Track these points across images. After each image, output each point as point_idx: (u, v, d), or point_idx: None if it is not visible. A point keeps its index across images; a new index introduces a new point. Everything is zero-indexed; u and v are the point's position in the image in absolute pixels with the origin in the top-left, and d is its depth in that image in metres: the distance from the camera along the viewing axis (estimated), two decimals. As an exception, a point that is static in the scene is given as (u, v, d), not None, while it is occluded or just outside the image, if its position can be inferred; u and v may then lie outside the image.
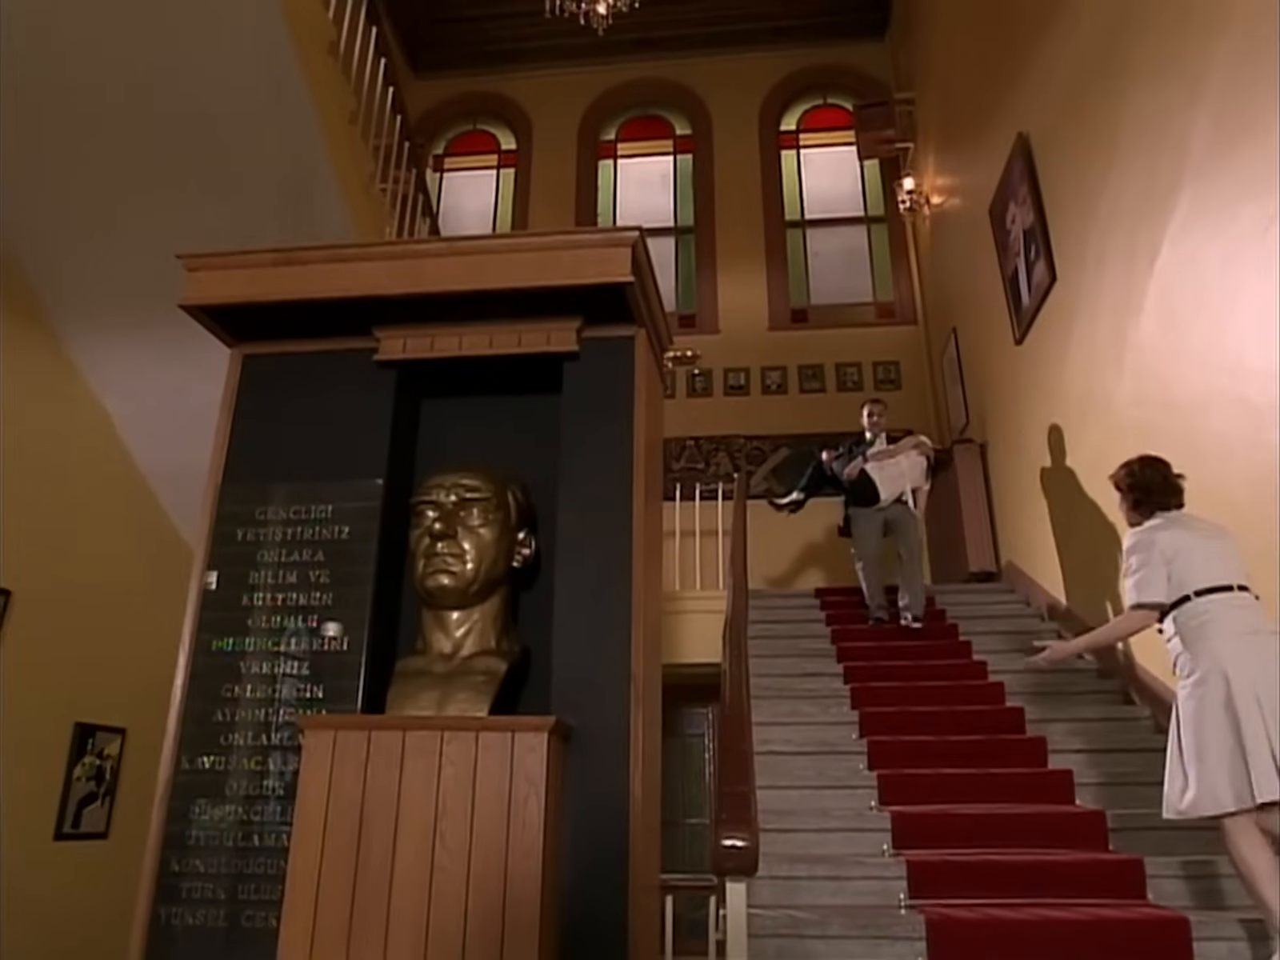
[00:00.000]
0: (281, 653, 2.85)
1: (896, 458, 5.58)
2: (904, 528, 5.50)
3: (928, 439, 6.02)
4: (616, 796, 2.55)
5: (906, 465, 5.57)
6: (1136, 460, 3.28)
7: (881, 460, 5.57)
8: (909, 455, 5.61)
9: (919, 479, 5.61)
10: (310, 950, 2.32)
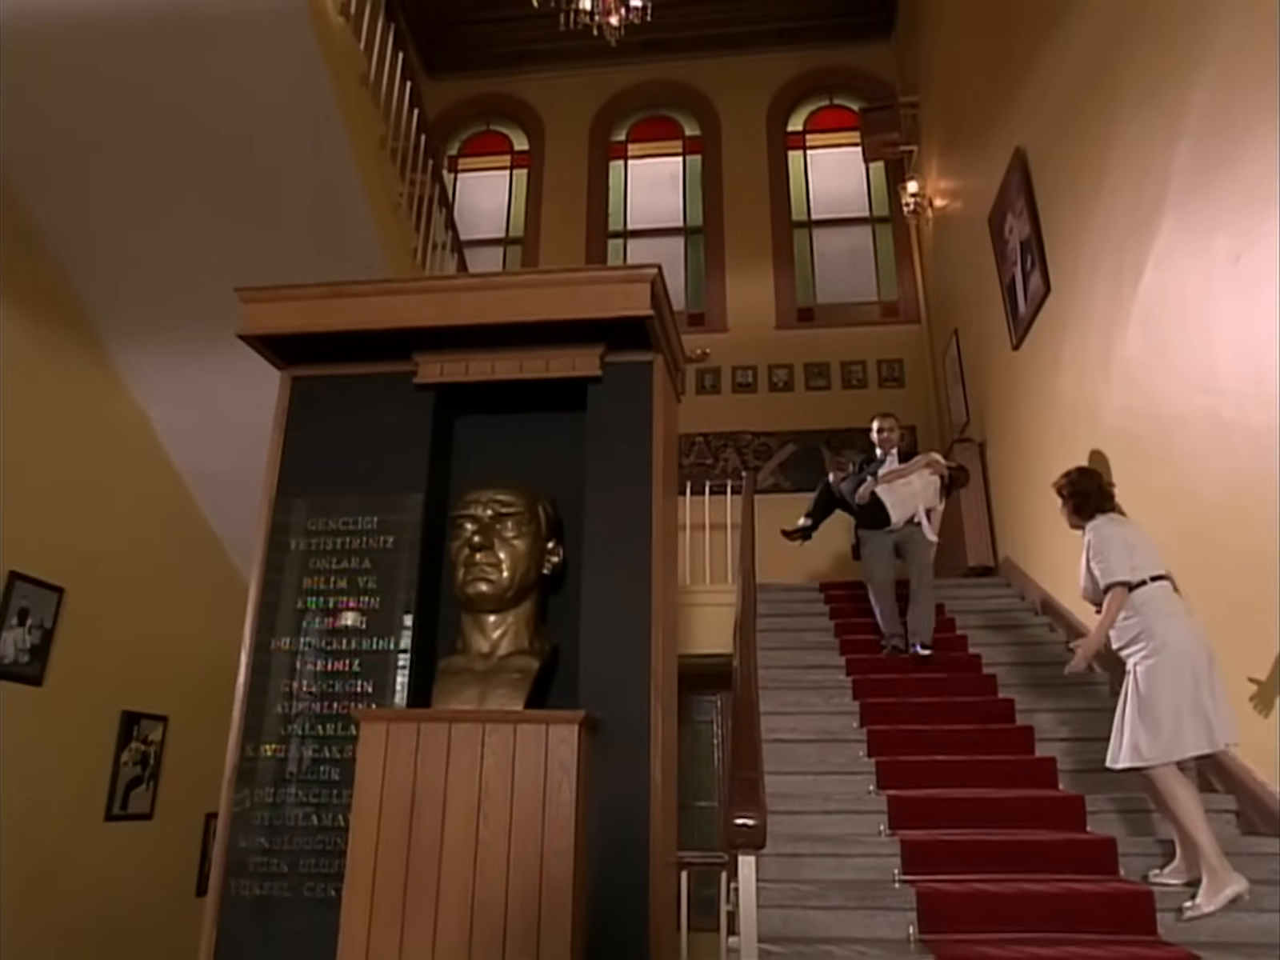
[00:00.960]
0: (333, 651, 3.14)
1: (908, 477, 5.34)
2: (915, 550, 5.25)
3: (941, 457, 5.75)
4: (638, 781, 2.84)
5: (919, 485, 5.33)
6: (1076, 470, 3.77)
7: (892, 481, 5.32)
8: (921, 475, 5.35)
9: (932, 499, 5.38)
10: (370, 917, 2.62)
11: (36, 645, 4.70)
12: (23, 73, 4.16)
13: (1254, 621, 3.32)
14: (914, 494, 5.28)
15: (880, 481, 5.32)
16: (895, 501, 5.24)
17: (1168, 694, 3.13)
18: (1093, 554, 3.44)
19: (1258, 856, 3.15)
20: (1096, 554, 3.42)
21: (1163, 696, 3.14)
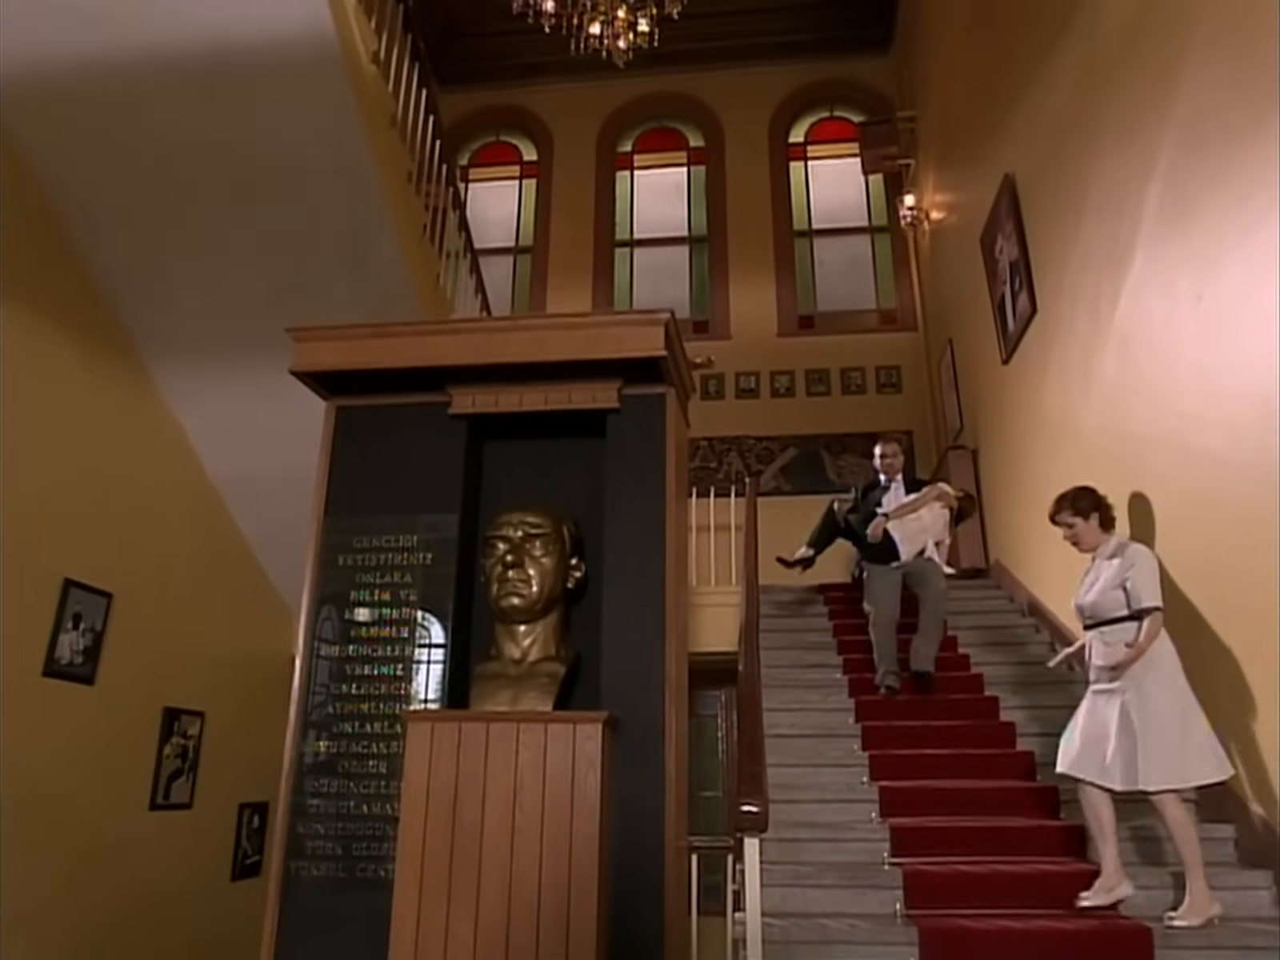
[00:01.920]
0: (379, 657, 3.48)
1: (918, 511, 5.20)
2: (927, 580, 5.15)
3: (950, 487, 5.58)
4: (654, 773, 3.19)
5: (929, 519, 5.19)
6: (1081, 488, 3.92)
7: (903, 516, 5.19)
8: (931, 508, 5.22)
9: (941, 531, 5.27)
10: (420, 893, 2.96)
11: (89, 647, 5.05)
12: (77, 118, 4.50)
13: (1209, 635, 3.66)
14: (924, 529, 5.15)
15: (890, 517, 5.18)
16: (905, 537, 5.10)
17: (1177, 721, 3.30)
18: (1137, 571, 3.53)
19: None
20: (1138, 575, 3.51)
21: (1173, 724, 3.30)
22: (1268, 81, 3.18)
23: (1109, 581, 3.60)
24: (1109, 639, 3.55)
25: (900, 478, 5.47)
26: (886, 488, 5.44)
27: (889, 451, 5.57)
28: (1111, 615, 3.56)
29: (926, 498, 5.27)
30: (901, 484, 5.44)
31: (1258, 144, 3.26)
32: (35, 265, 4.77)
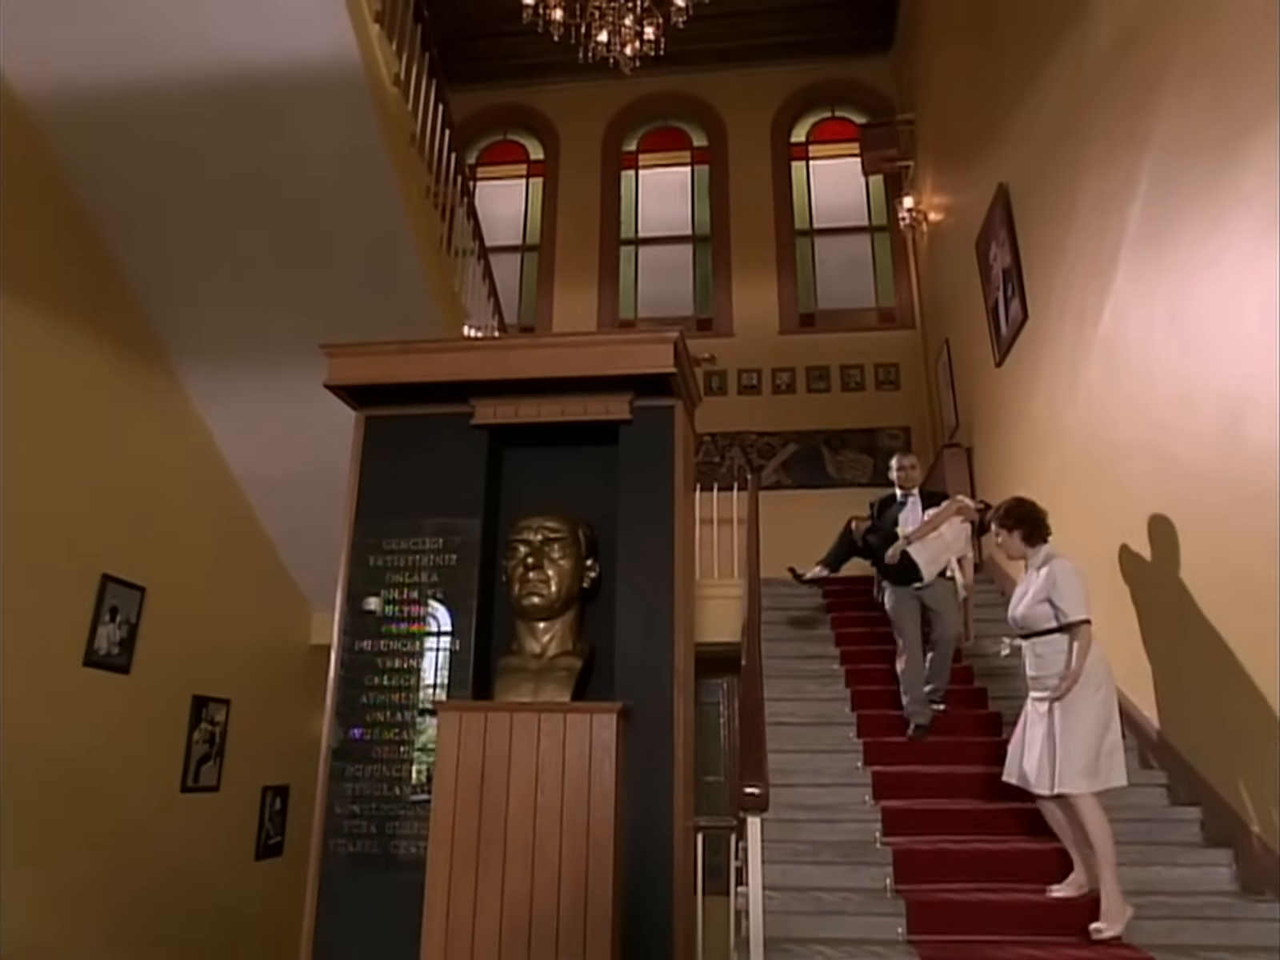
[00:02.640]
0: (408, 651, 3.75)
1: (939, 529, 4.97)
2: (943, 608, 4.92)
3: (969, 500, 5.30)
4: (664, 758, 3.47)
5: (950, 536, 4.98)
6: (1012, 501, 3.96)
7: (924, 536, 4.96)
8: (952, 524, 4.99)
9: (963, 547, 5.05)
10: (450, 868, 3.24)
11: (124, 639, 5.32)
12: (115, 137, 4.73)
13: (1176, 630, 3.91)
14: (945, 546, 4.95)
15: (911, 540, 4.96)
16: (928, 559, 4.90)
17: (1097, 729, 3.42)
18: (1058, 587, 3.57)
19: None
20: (1064, 588, 3.56)
21: (1094, 731, 3.42)
22: (1239, 113, 3.41)
23: (1036, 594, 3.65)
24: (1040, 650, 3.64)
25: (917, 491, 5.27)
26: (903, 503, 5.22)
27: (907, 464, 5.32)
28: (1040, 627, 3.62)
29: (946, 513, 5.01)
30: (919, 498, 5.23)
31: (1229, 173, 3.49)
32: (74, 277, 5.01)
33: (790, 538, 8.56)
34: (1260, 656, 3.36)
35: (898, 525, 5.14)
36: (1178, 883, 3.46)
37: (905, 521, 5.13)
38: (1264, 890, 3.30)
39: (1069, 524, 5.27)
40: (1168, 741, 4.07)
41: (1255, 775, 3.45)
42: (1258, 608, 3.31)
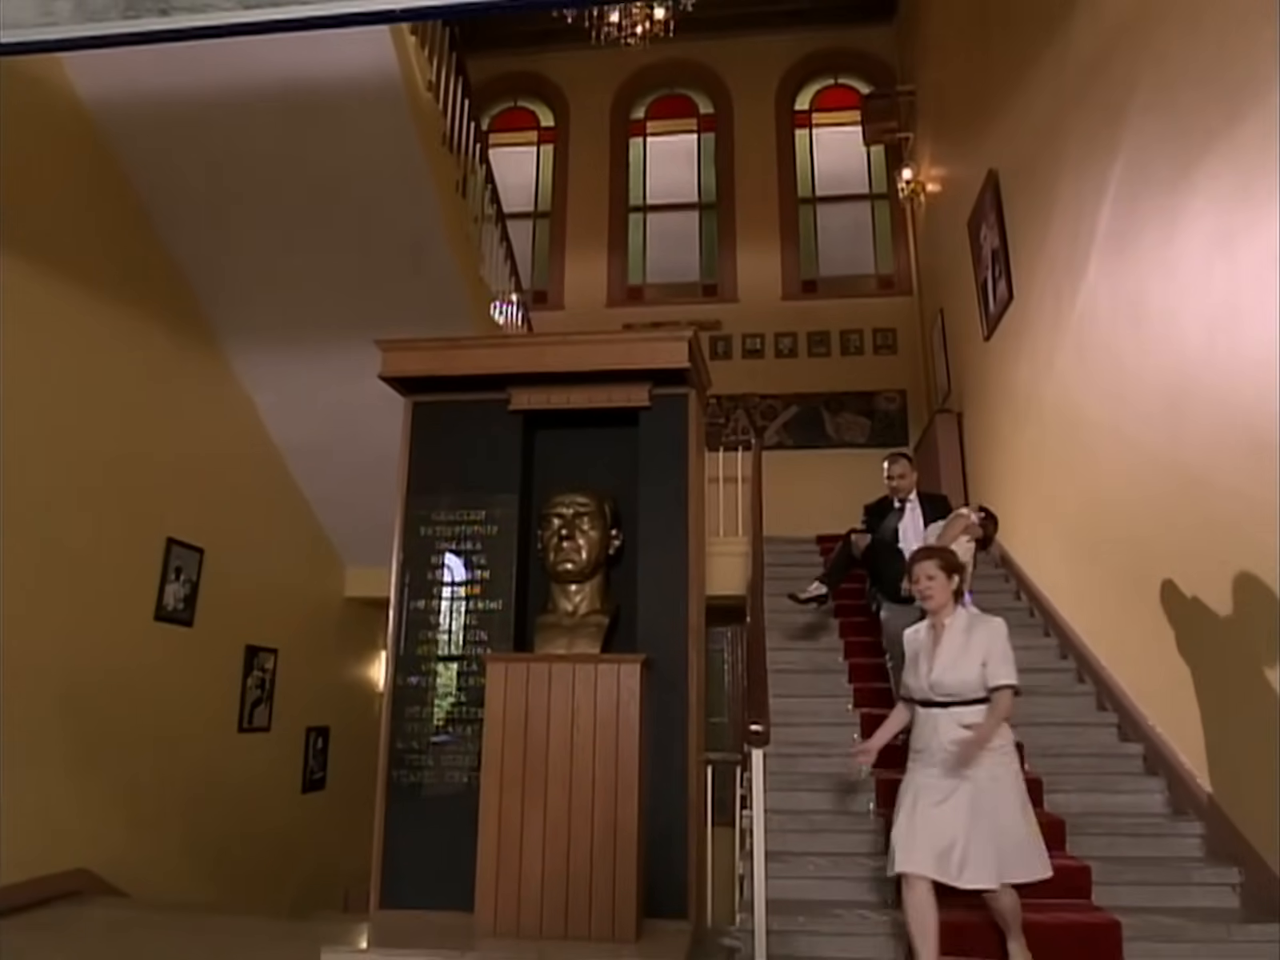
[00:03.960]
0: (456, 610, 4.30)
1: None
2: None
3: (972, 512, 4.87)
4: (680, 701, 4.04)
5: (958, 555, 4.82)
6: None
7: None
8: (958, 543, 4.67)
9: (967, 563, 4.69)
10: (500, 794, 3.81)
11: (187, 595, 5.88)
12: (173, 140, 5.15)
13: (1130, 592, 4.45)
14: None
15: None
16: None
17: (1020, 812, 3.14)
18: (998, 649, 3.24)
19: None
20: (1004, 651, 3.24)
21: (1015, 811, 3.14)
22: (1190, 141, 3.82)
23: (971, 658, 3.24)
24: (967, 721, 3.20)
25: (915, 495, 4.99)
26: (901, 510, 4.96)
27: (896, 472, 5.01)
28: (974, 696, 3.22)
29: (953, 533, 4.70)
30: (917, 504, 4.97)
31: (1181, 193, 3.91)
32: (135, 265, 5.46)
33: (791, 496, 9.11)
34: (1186, 609, 3.88)
35: (899, 538, 4.88)
36: (1118, 806, 4.04)
37: (905, 531, 4.90)
38: (1188, 811, 3.88)
39: (1045, 489, 5.82)
40: (1120, 688, 4.63)
41: (1184, 718, 4.01)
42: (1196, 573, 3.83)
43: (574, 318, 10.31)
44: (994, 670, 3.20)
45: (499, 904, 3.71)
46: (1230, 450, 3.52)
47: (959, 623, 3.35)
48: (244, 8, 2.89)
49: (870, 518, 5.13)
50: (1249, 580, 3.41)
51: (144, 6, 2.93)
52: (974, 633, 3.29)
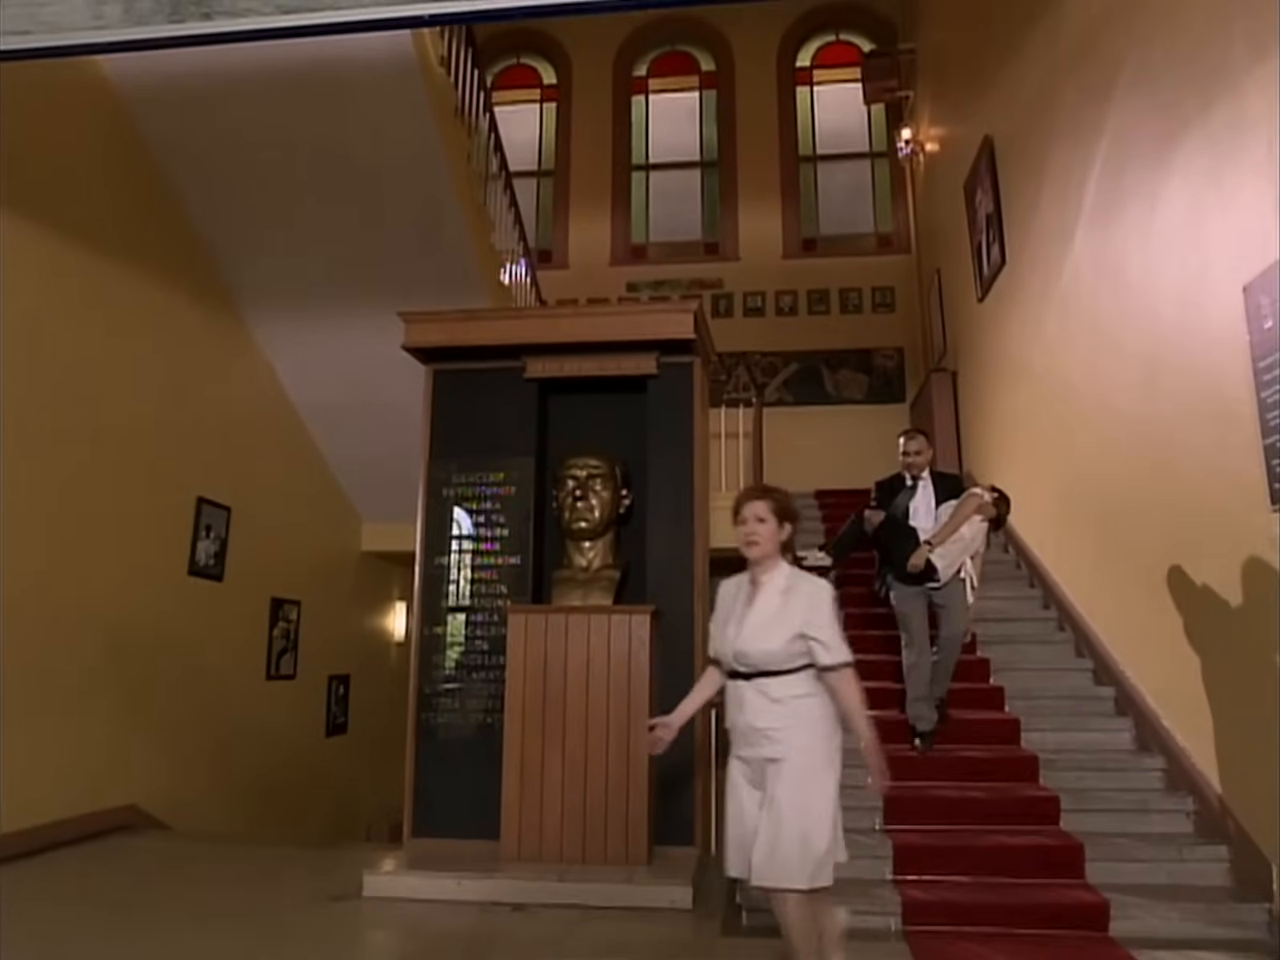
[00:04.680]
0: (478, 565, 4.61)
1: (960, 530, 4.61)
2: (953, 606, 4.64)
3: (985, 491, 4.79)
4: (685, 649, 4.37)
5: (969, 535, 4.66)
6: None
7: (945, 540, 4.60)
8: (971, 522, 4.65)
9: (980, 544, 4.75)
10: (522, 733, 4.16)
11: (217, 551, 6.20)
12: (193, 114, 5.33)
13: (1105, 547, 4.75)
14: (964, 548, 4.66)
15: (934, 545, 4.59)
16: (945, 565, 4.60)
17: (797, 804, 2.58)
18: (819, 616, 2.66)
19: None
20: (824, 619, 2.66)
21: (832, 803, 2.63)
22: (1168, 126, 4.02)
23: (783, 626, 2.65)
24: (774, 694, 2.65)
25: (928, 473, 4.89)
26: (913, 488, 4.85)
27: (913, 448, 4.89)
28: (783, 666, 2.66)
29: (966, 512, 4.63)
30: (930, 481, 4.87)
31: (1159, 174, 4.12)
32: (162, 238, 5.69)
33: (791, 451, 9.38)
34: (1154, 564, 4.17)
35: (909, 516, 4.81)
36: (1088, 743, 4.38)
37: (916, 510, 4.82)
38: (1152, 749, 4.23)
39: (1032, 448, 6.10)
40: (1095, 635, 4.96)
41: (1149, 662, 4.34)
42: (1165, 531, 4.13)
43: (578, 277, 10.49)
44: (821, 647, 2.63)
45: (522, 832, 4.08)
46: (1197, 417, 3.79)
47: (777, 582, 2.75)
48: (281, 12, 3.12)
49: (881, 494, 4.99)
50: (1211, 537, 3.70)
51: (188, 11, 3.16)
52: (792, 596, 2.70)
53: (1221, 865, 3.58)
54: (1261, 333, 3.27)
